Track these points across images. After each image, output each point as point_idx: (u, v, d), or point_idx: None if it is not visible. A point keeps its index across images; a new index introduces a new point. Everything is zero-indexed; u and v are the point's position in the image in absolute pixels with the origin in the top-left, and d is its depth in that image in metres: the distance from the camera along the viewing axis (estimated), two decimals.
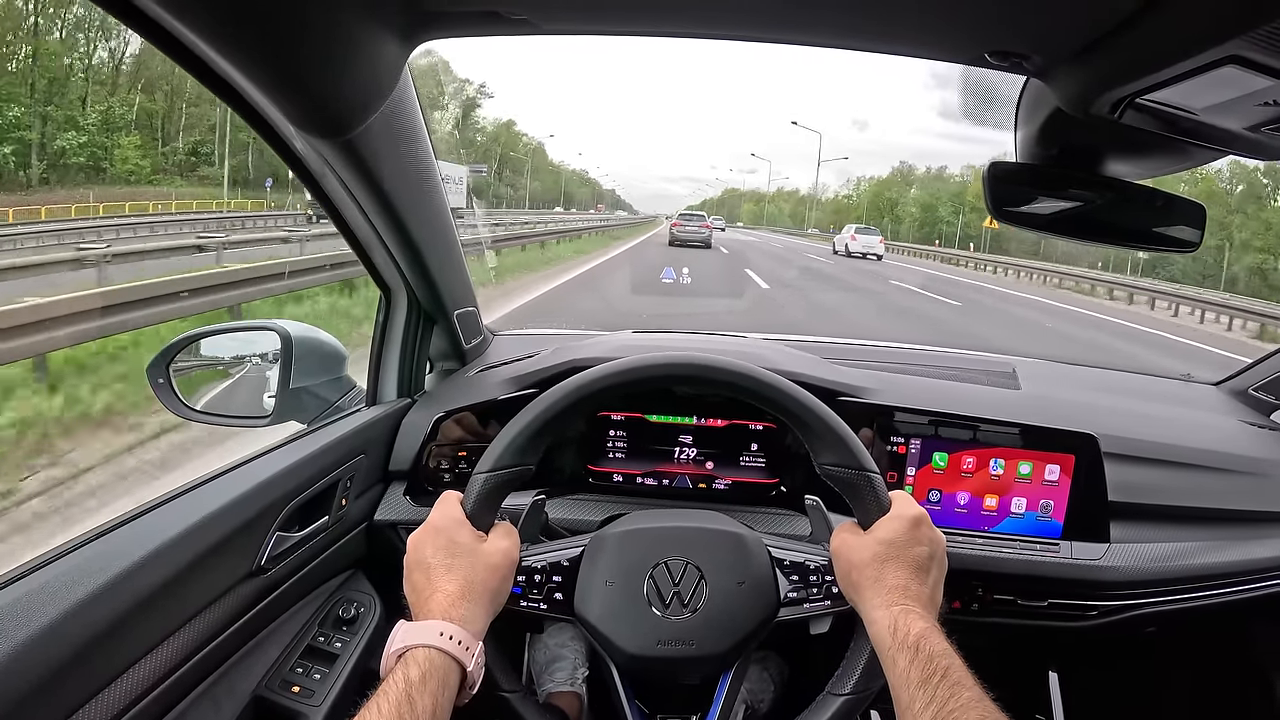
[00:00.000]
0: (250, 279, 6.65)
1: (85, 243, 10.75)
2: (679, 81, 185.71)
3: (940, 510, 1.07)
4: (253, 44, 0.60)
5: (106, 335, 4.84)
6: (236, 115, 0.71)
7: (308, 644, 0.94)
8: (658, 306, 10.01)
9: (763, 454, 1.11)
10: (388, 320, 1.13)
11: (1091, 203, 0.85)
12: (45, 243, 13.31)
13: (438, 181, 0.96)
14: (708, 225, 24.69)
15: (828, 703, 0.74)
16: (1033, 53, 0.63)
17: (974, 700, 0.58)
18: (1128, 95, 0.62)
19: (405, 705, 0.57)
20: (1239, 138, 0.70)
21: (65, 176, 28.92)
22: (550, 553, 0.80)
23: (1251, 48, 0.50)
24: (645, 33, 0.69)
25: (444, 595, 0.67)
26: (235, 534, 0.80)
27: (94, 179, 29.60)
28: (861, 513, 0.76)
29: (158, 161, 31.12)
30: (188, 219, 22.02)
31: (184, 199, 27.83)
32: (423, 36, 0.70)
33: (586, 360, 1.09)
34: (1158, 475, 1.11)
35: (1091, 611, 1.06)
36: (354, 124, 0.72)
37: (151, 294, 5.24)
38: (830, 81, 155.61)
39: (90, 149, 30.26)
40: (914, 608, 0.67)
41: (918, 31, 0.65)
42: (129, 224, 19.12)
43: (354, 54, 0.66)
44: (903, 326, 8.95)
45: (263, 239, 11.35)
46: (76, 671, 0.61)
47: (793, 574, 0.79)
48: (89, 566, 0.66)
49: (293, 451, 0.94)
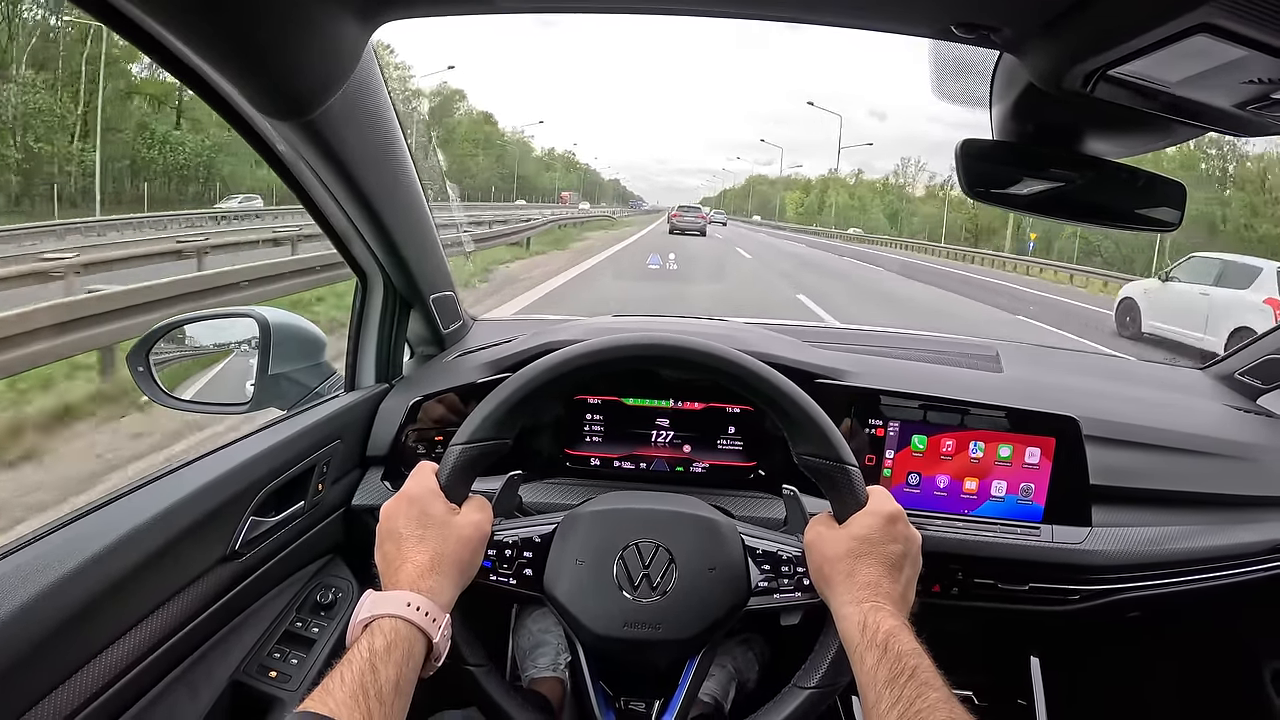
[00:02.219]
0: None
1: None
2: (687, 72, 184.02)
3: (919, 494, 1.06)
4: (208, 24, 0.59)
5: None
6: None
7: (285, 629, 0.94)
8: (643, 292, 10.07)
9: (740, 437, 1.11)
10: (364, 305, 1.13)
11: (1071, 182, 0.84)
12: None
13: (409, 165, 0.95)
14: (703, 216, 29.11)
15: (793, 695, 0.74)
16: (1001, 25, 0.62)
17: (941, 701, 0.58)
18: (1099, 68, 0.61)
19: (369, 674, 0.57)
20: (1216, 112, 0.68)
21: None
22: (523, 528, 0.80)
23: (1221, 14, 0.49)
24: (607, 8, 0.68)
25: (413, 566, 0.67)
26: (208, 518, 0.80)
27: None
28: (838, 506, 0.75)
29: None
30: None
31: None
32: (383, 16, 0.68)
33: (564, 342, 1.09)
34: (1141, 459, 1.10)
35: (1073, 596, 1.05)
36: (314, 105, 0.71)
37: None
38: (847, 70, 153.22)
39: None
40: (884, 605, 0.66)
41: (879, 3, 0.64)
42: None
43: (311, 33, 0.65)
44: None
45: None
46: (47, 655, 0.61)
47: (765, 563, 0.78)
48: (60, 551, 0.66)
49: (268, 436, 0.94)
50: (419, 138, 24.30)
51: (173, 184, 32.50)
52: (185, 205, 26.75)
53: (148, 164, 31.68)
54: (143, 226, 17.41)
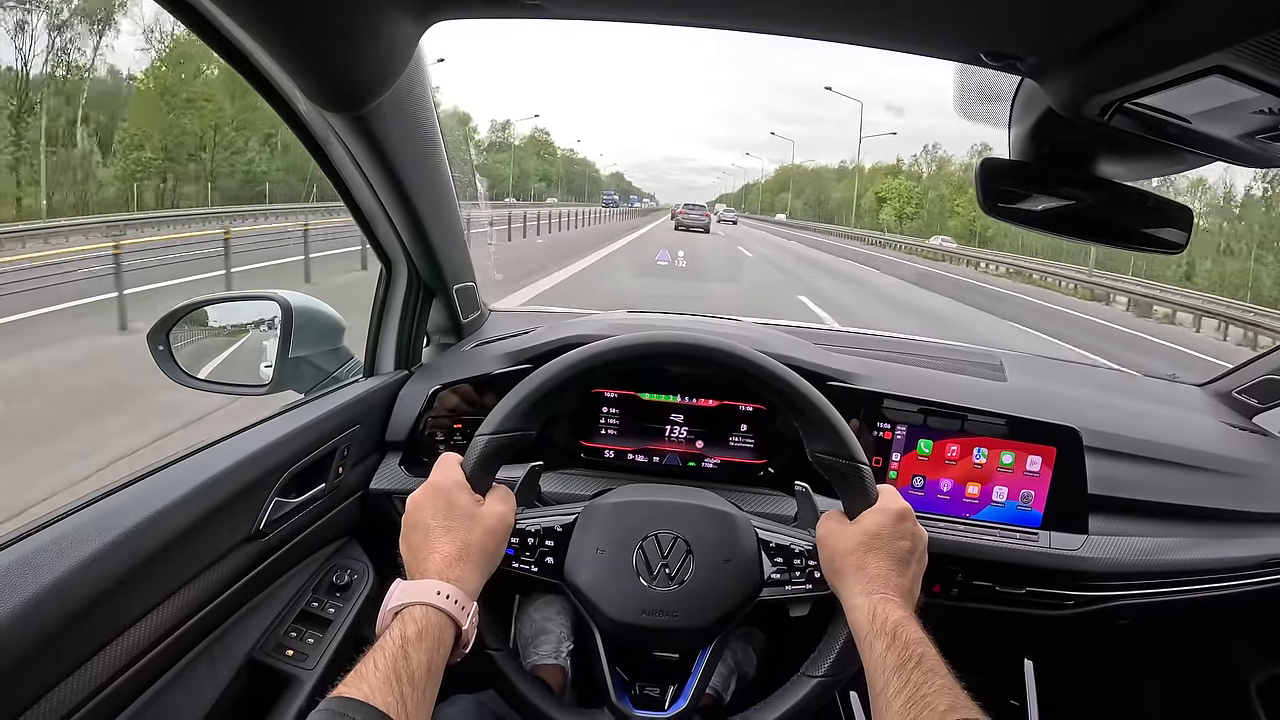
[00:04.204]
0: None
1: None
2: (698, 69, 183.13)
3: (923, 496, 1.09)
4: (271, 18, 0.61)
5: None
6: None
7: (302, 609, 0.96)
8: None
9: (751, 435, 1.13)
10: (388, 292, 1.15)
11: (1083, 201, 0.86)
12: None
13: (444, 159, 0.97)
14: (708, 214, 31.22)
15: (801, 684, 0.77)
16: (1027, 54, 0.65)
17: (946, 687, 0.60)
18: (1117, 99, 0.64)
19: (401, 660, 0.59)
20: (1227, 145, 0.71)
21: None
22: (545, 518, 0.83)
23: (1237, 59, 0.51)
24: (651, 20, 0.70)
25: (441, 556, 0.69)
26: (235, 498, 0.82)
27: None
28: (849, 502, 0.78)
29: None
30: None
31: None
32: (436, 16, 0.71)
33: (580, 337, 1.11)
34: (1139, 471, 1.13)
35: (1068, 601, 1.08)
36: (367, 100, 0.73)
37: None
38: (864, 65, 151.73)
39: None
40: (893, 597, 0.69)
41: (915, 30, 0.67)
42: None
43: (369, 31, 0.67)
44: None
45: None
46: (79, 629, 0.63)
47: (777, 556, 0.81)
48: (94, 526, 0.67)
49: (292, 419, 0.96)
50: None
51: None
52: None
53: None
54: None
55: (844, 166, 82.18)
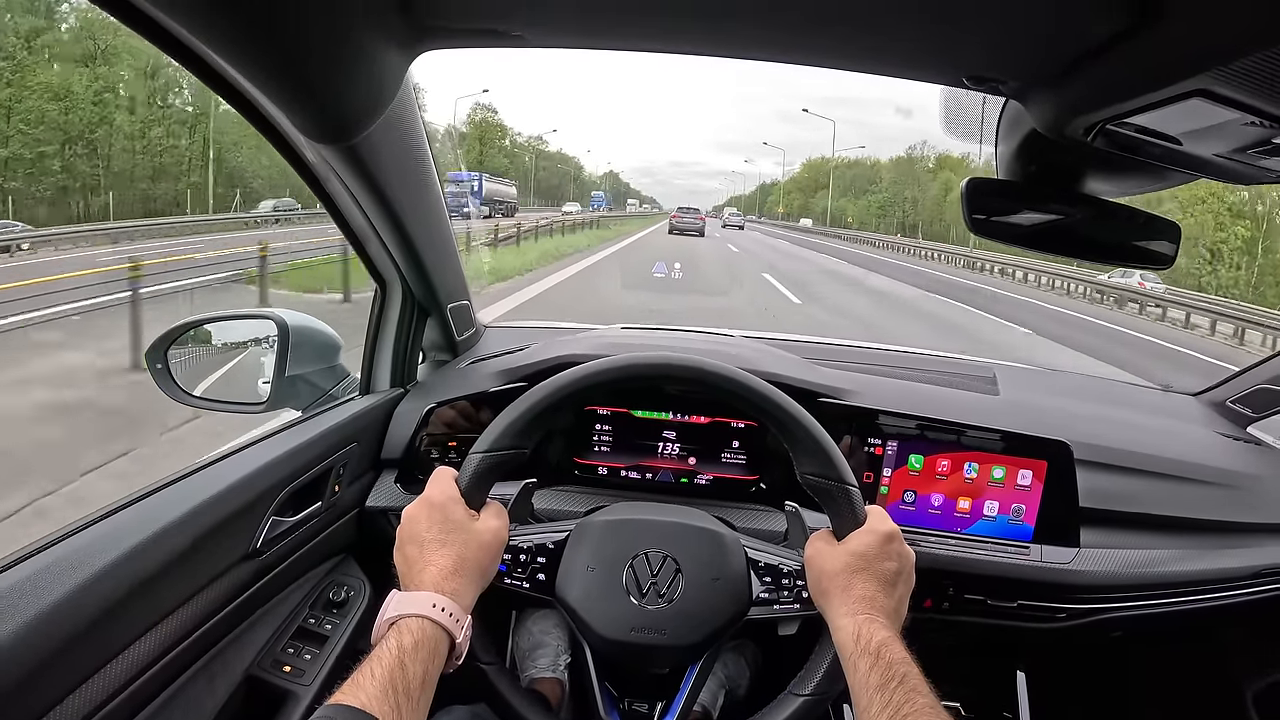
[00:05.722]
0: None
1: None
2: (702, 76, 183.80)
3: (915, 511, 1.10)
4: (262, 57, 0.62)
5: None
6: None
7: (299, 625, 0.97)
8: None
9: (743, 451, 1.14)
10: (383, 312, 1.16)
11: (1070, 218, 0.87)
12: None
13: (435, 182, 0.98)
14: (701, 218, 31.94)
15: (788, 701, 0.77)
16: (1009, 78, 0.65)
17: (928, 706, 0.61)
18: (1100, 120, 0.65)
19: (398, 670, 0.60)
20: (1211, 163, 0.72)
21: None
22: (537, 535, 0.84)
23: (1217, 83, 0.52)
24: (633, 49, 0.71)
25: (436, 569, 0.70)
26: (233, 517, 0.83)
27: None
28: (837, 523, 0.79)
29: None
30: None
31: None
32: (422, 47, 0.72)
33: (576, 354, 1.11)
34: (1130, 483, 1.13)
35: (1060, 614, 1.08)
36: (356, 131, 0.74)
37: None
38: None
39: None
40: (878, 618, 0.70)
41: (900, 55, 0.68)
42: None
43: (358, 64, 0.68)
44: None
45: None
46: (80, 648, 0.63)
47: (766, 575, 0.82)
48: (94, 547, 0.68)
49: (289, 438, 0.96)
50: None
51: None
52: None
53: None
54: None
55: (912, 155, 64.00)
